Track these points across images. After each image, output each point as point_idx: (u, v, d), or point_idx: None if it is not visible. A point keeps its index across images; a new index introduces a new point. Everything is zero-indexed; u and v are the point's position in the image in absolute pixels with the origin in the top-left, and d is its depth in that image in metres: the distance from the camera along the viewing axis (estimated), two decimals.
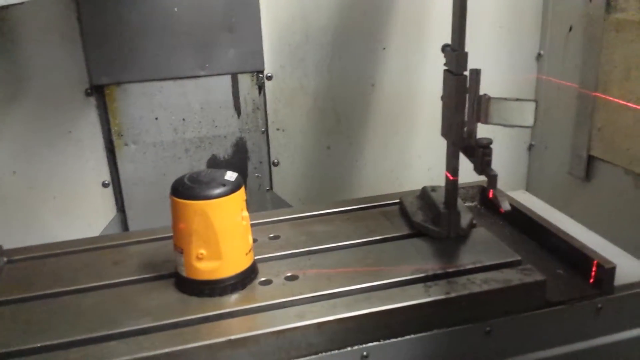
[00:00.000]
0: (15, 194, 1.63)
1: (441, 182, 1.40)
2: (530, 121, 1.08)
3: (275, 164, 1.82)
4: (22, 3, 1.19)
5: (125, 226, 1.73)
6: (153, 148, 1.68)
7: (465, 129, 1.17)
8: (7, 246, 1.25)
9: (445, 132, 1.22)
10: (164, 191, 1.69)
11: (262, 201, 1.81)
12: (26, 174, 1.63)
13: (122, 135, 1.65)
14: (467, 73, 1.15)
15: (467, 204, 1.45)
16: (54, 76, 1.57)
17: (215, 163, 1.74)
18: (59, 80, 1.58)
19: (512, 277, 1.09)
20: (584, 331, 1.12)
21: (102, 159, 1.68)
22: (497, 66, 1.87)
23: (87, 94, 1.61)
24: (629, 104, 1.51)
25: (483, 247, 1.20)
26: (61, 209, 1.68)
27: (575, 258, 1.19)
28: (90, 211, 1.71)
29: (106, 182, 1.70)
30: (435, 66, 1.79)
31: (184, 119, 1.68)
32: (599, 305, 1.10)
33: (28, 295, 1.10)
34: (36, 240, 1.34)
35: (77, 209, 1.70)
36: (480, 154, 1.12)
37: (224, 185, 1.04)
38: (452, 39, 1.16)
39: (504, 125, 1.11)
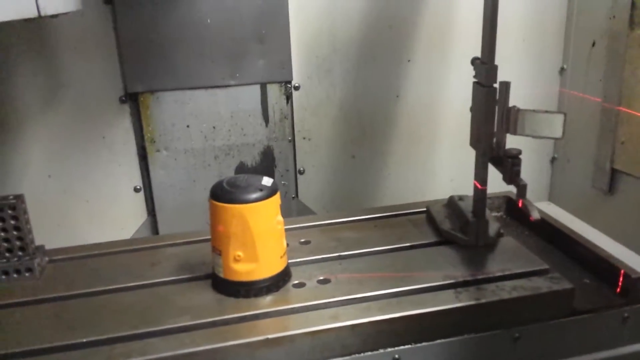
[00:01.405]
0: (50, 197, 1.68)
1: (463, 192, 1.43)
2: (559, 133, 1.11)
3: (301, 172, 1.86)
4: (67, 13, 1.25)
5: (155, 230, 1.77)
6: (184, 155, 1.72)
7: (495, 139, 1.20)
8: None
9: (474, 143, 1.25)
10: (193, 196, 1.76)
11: (287, 209, 1.85)
12: (61, 178, 1.68)
13: (154, 141, 1.69)
14: (496, 85, 1.18)
15: (493, 214, 1.47)
16: (89, 84, 1.63)
17: (243, 170, 1.78)
18: (94, 88, 1.63)
19: (541, 285, 1.11)
20: (610, 340, 1.13)
21: (135, 165, 1.73)
22: (520, 80, 1.90)
23: (122, 101, 1.66)
24: None
25: (511, 255, 1.22)
26: (94, 213, 1.73)
27: (601, 268, 1.21)
28: (121, 215, 1.75)
29: (138, 187, 1.75)
30: (458, 78, 1.85)
31: (214, 127, 1.73)
32: (626, 315, 1.12)
33: (70, 293, 1.14)
34: (69, 242, 1.38)
35: (109, 213, 1.75)
36: (510, 164, 1.14)
37: (261, 190, 1.08)
38: (482, 51, 1.20)
39: (533, 137, 1.14)
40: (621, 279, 1.15)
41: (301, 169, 1.85)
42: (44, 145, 1.65)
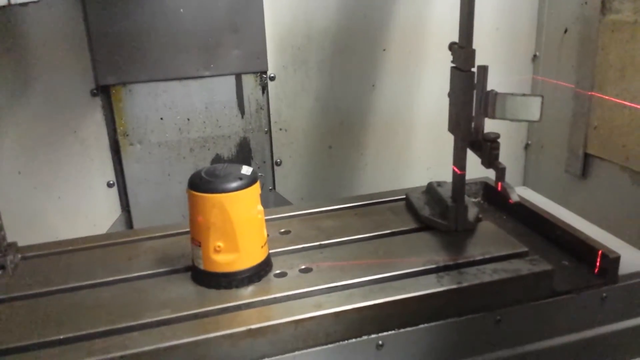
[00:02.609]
0: (21, 194, 1.63)
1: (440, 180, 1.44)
2: (537, 115, 1.12)
3: (278, 164, 1.84)
4: (37, 1, 1.21)
5: (130, 225, 1.74)
6: (158, 148, 1.69)
7: (473, 124, 1.20)
8: None
9: (452, 128, 1.25)
10: (168, 190, 1.73)
11: (265, 200, 1.81)
12: (31, 174, 1.63)
13: (127, 135, 1.66)
14: (474, 70, 1.18)
15: (471, 200, 1.48)
16: (59, 76, 1.58)
17: (219, 162, 1.75)
18: (64, 81, 1.59)
19: (521, 267, 1.12)
20: (590, 319, 1.15)
21: (107, 159, 1.69)
22: (493, 67, 1.88)
23: (93, 94, 1.62)
24: (624, 102, 1.56)
25: (490, 239, 1.23)
26: (66, 209, 1.69)
27: (579, 249, 1.22)
28: (95, 211, 1.72)
29: (111, 182, 1.71)
30: (434, 67, 1.85)
31: (188, 119, 1.70)
32: (604, 294, 1.14)
33: (45, 290, 1.11)
34: (41, 240, 1.34)
35: (82, 209, 1.71)
36: (489, 147, 1.15)
37: (240, 179, 1.06)
38: (460, 36, 1.20)
39: (512, 120, 1.14)
40: (599, 259, 1.17)
41: (278, 160, 1.84)
42: (13, 141, 1.60)
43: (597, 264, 1.17)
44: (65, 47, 1.56)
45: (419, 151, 1.95)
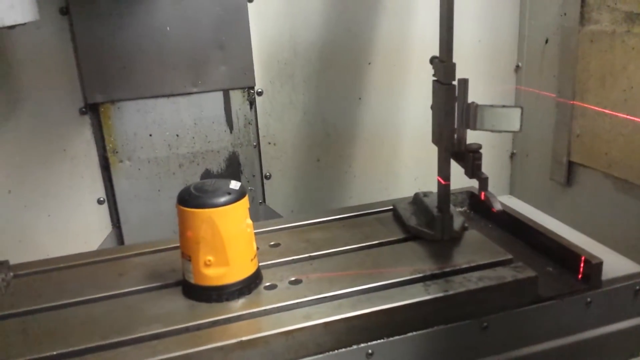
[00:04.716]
0: (11, 213, 1.64)
1: (427, 190, 1.46)
2: (516, 126, 1.15)
3: (267, 177, 1.86)
4: (24, 24, 1.23)
5: (121, 242, 1.74)
6: (147, 164, 1.71)
7: (456, 136, 1.23)
8: None
9: (436, 140, 1.28)
10: (158, 206, 1.75)
11: (255, 214, 1.84)
12: (21, 193, 1.64)
13: (117, 152, 1.67)
14: (455, 83, 1.21)
15: (457, 209, 1.51)
16: (48, 95, 1.60)
17: (209, 177, 1.77)
18: (53, 100, 1.60)
19: (506, 274, 1.14)
20: (575, 324, 1.17)
21: (97, 176, 1.70)
22: (477, 79, 1.94)
23: (82, 112, 1.64)
24: (605, 111, 1.59)
25: (476, 247, 1.26)
26: (56, 227, 1.69)
27: (563, 255, 1.25)
28: (85, 228, 1.72)
29: (101, 199, 1.72)
30: (418, 79, 1.88)
31: (177, 135, 1.72)
32: (588, 299, 1.16)
33: (37, 307, 1.12)
34: (32, 258, 1.35)
35: (72, 227, 1.71)
36: (471, 158, 1.18)
37: (229, 193, 1.08)
38: (440, 50, 1.23)
39: (492, 131, 1.17)
40: (582, 265, 1.19)
41: (267, 174, 1.86)
42: (3, 161, 1.60)
43: (581, 269, 1.20)
44: (54, 66, 1.58)
45: (406, 162, 1.97)
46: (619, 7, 1.52)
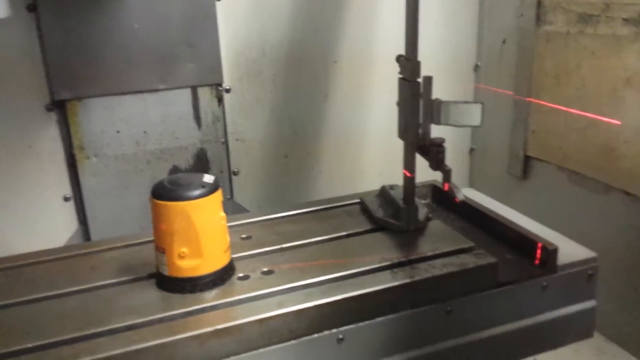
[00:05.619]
0: None
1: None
2: (477, 121, 1.21)
3: (235, 174, 1.89)
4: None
5: (87, 239, 1.74)
6: (115, 161, 1.71)
7: (420, 130, 1.28)
8: None
9: (402, 134, 1.33)
10: (126, 202, 1.75)
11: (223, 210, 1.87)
12: None
13: (83, 148, 1.67)
14: (420, 80, 1.26)
15: (421, 201, 1.56)
16: (14, 92, 1.59)
17: (177, 173, 1.78)
18: (19, 96, 1.60)
19: (468, 260, 1.20)
20: (533, 307, 1.24)
21: (64, 173, 1.70)
22: (438, 77, 1.99)
23: (48, 109, 1.63)
24: (560, 107, 1.68)
25: (439, 237, 1.31)
26: (22, 224, 1.68)
27: (521, 243, 1.31)
28: (51, 225, 1.72)
29: (67, 196, 1.71)
30: (382, 78, 1.94)
31: (145, 132, 1.72)
32: (545, 284, 1.23)
33: (8, 302, 1.11)
34: None
35: (38, 224, 1.70)
36: (435, 152, 1.23)
37: (203, 186, 1.10)
38: (406, 49, 1.28)
39: (455, 125, 1.23)
40: (539, 251, 1.26)
41: (235, 170, 1.88)
42: None
43: (538, 255, 1.26)
44: (20, 63, 1.57)
45: (370, 157, 2.03)
46: (572, 9, 1.61)
